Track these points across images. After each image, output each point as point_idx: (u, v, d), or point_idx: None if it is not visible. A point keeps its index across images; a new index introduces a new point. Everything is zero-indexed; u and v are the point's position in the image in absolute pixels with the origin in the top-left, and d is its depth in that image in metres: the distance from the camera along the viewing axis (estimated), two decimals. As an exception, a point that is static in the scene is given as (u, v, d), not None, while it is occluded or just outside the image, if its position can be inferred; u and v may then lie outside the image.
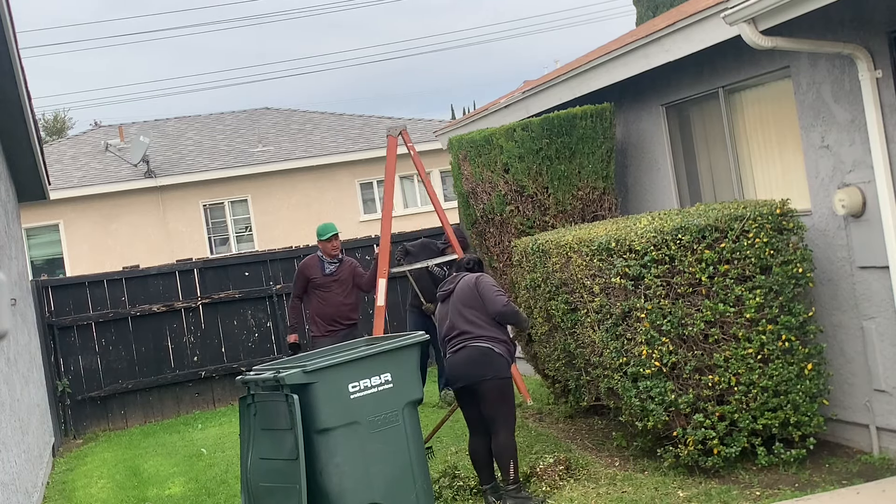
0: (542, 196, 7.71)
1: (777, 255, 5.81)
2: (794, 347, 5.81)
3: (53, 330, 11.16)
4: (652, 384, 5.80)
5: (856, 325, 5.99)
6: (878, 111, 5.50)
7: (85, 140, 23.88)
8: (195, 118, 25.26)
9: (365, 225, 20.50)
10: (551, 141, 7.64)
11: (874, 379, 5.88)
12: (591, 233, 6.32)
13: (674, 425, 5.87)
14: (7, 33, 6.61)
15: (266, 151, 22.06)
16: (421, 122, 23.77)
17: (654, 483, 5.93)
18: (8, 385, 6.84)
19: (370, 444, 5.28)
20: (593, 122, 7.74)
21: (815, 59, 5.97)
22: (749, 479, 5.78)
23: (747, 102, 6.95)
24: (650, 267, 5.78)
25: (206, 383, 11.68)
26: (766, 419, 5.78)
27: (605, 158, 7.80)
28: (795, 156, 6.44)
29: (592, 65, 7.72)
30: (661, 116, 7.82)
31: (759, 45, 5.54)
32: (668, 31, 6.66)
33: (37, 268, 19.05)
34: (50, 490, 8.68)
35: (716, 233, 5.78)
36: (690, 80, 7.26)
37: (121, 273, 11.76)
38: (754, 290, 5.74)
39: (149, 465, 9.05)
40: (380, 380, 5.41)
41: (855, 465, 5.80)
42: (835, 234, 6.05)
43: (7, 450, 6.20)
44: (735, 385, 5.74)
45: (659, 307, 5.75)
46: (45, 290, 11.24)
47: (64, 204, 19.44)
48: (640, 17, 20.78)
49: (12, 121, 8.40)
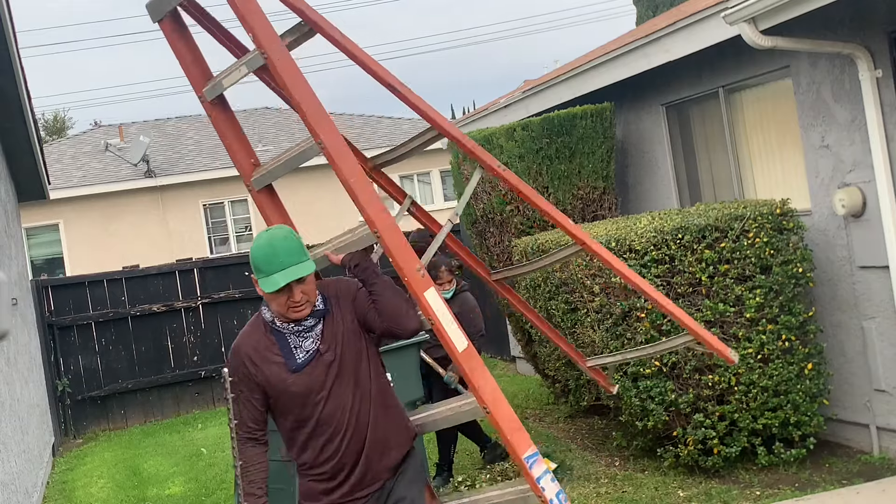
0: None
1: (777, 254, 5.80)
2: (794, 347, 5.81)
3: (53, 330, 11.15)
4: (652, 384, 5.80)
5: (856, 325, 5.99)
6: (878, 111, 5.50)
7: (85, 140, 23.87)
8: (195, 118, 25.24)
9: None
10: (551, 141, 7.64)
11: (874, 379, 5.88)
12: (591, 232, 6.32)
13: (674, 425, 5.87)
14: (7, 33, 6.61)
15: (266, 151, 22.06)
16: (421, 122, 23.78)
17: (654, 483, 5.93)
18: (8, 385, 6.84)
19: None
20: (593, 121, 7.74)
21: (815, 58, 5.97)
22: (749, 478, 5.77)
23: (747, 102, 6.94)
24: (650, 267, 5.78)
25: (206, 383, 11.67)
26: (767, 419, 5.77)
27: (605, 158, 7.80)
28: (795, 156, 6.44)
29: (592, 64, 7.72)
30: (661, 116, 7.81)
31: (759, 44, 5.54)
32: (669, 31, 6.66)
33: (37, 268, 19.04)
34: (50, 490, 8.68)
35: (716, 232, 5.78)
36: (690, 79, 7.26)
37: (121, 273, 11.75)
38: (754, 289, 5.74)
39: (149, 464, 9.05)
40: (380, 380, 5.40)
41: (855, 465, 5.80)
42: (835, 233, 6.05)
43: (7, 449, 6.20)
44: (735, 385, 5.73)
45: (659, 307, 5.75)
46: (45, 289, 11.24)
47: (64, 204, 19.42)
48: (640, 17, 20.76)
49: (12, 121, 8.40)
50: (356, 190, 3.07)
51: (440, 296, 3.07)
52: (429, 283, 2.98)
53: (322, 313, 3.21)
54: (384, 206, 3.14)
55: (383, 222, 3.08)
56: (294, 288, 3.10)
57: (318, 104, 3.14)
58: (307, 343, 3.18)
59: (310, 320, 3.19)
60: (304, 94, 3.12)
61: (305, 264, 3.09)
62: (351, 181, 3.06)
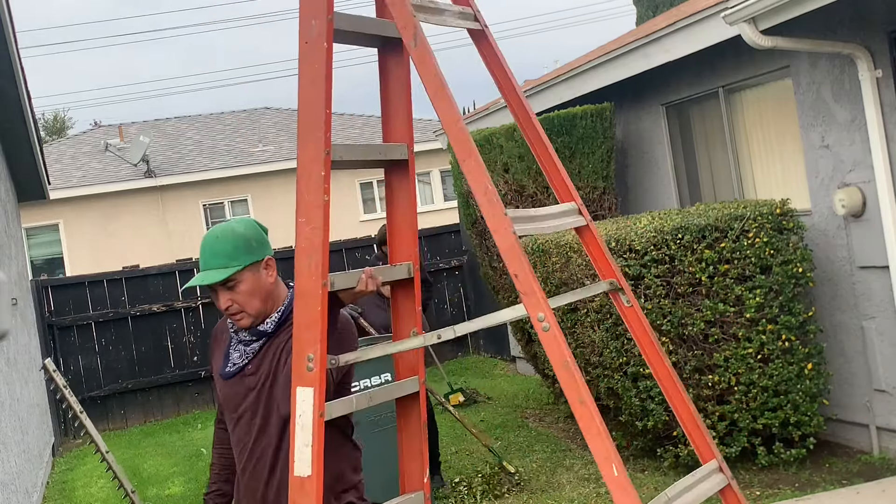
0: (542, 196, 7.71)
1: (777, 254, 5.80)
2: (794, 347, 5.81)
3: (53, 330, 11.15)
4: (652, 384, 5.80)
5: (856, 325, 5.99)
6: (878, 111, 5.50)
7: (85, 140, 23.87)
8: (195, 118, 25.25)
9: (365, 224, 20.50)
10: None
11: (874, 379, 5.88)
12: (591, 232, 6.32)
13: (674, 425, 5.87)
14: (7, 33, 6.61)
15: (266, 151, 22.06)
16: (421, 122, 23.76)
17: (654, 483, 5.93)
18: (8, 385, 6.84)
19: (369, 445, 5.26)
20: (593, 121, 7.74)
21: (815, 58, 5.97)
22: (749, 478, 5.78)
23: (747, 102, 6.95)
24: (650, 266, 5.78)
25: (205, 383, 11.67)
26: (766, 419, 5.77)
27: (605, 158, 7.80)
28: (795, 155, 6.44)
29: (592, 64, 7.73)
30: (661, 116, 7.82)
31: (759, 44, 5.54)
32: (668, 31, 6.66)
33: (37, 268, 19.04)
34: (50, 490, 8.68)
35: (716, 232, 5.78)
36: (690, 79, 7.26)
37: (120, 273, 11.75)
38: (754, 289, 5.74)
39: (149, 464, 9.04)
40: (380, 380, 5.42)
41: (855, 465, 5.80)
42: (835, 233, 6.05)
43: (7, 449, 6.20)
44: (735, 385, 5.73)
45: (659, 307, 5.75)
46: (45, 289, 11.24)
47: (64, 204, 19.42)
48: (640, 17, 20.76)
49: (12, 121, 8.40)
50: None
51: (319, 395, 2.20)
52: (314, 379, 2.18)
53: (264, 335, 2.81)
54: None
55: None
56: (219, 293, 2.76)
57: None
58: (238, 356, 2.86)
59: (249, 335, 2.83)
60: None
61: (221, 272, 2.71)
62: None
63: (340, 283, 2.32)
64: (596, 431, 1.94)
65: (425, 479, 2.49)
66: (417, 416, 2.50)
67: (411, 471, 2.50)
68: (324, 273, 2.19)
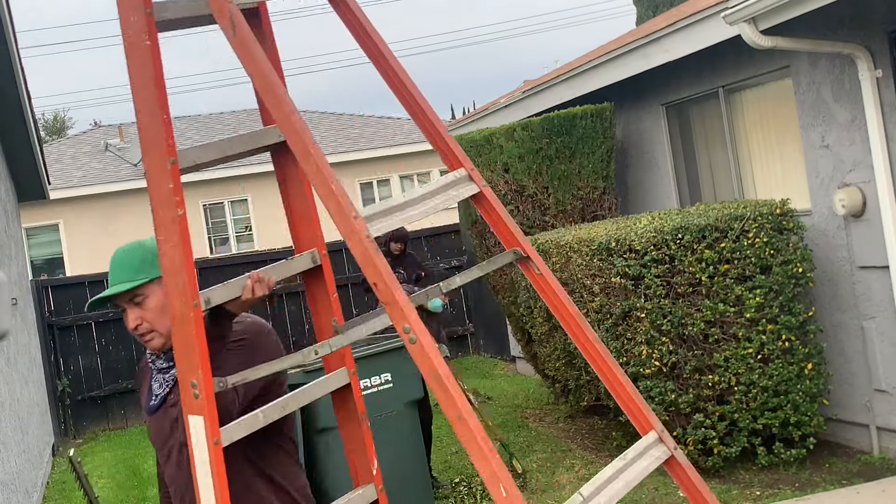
0: (542, 196, 7.71)
1: (777, 254, 5.80)
2: (794, 347, 5.80)
3: (53, 330, 11.15)
4: (652, 384, 5.80)
5: (856, 325, 5.99)
6: (878, 111, 5.50)
7: (85, 140, 23.87)
8: (195, 118, 25.24)
9: (365, 225, 20.49)
10: (551, 140, 7.64)
11: (874, 379, 5.88)
12: (591, 232, 6.32)
13: (674, 425, 5.87)
14: (7, 33, 6.61)
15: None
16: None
17: (653, 483, 5.93)
18: (8, 385, 6.84)
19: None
20: (593, 121, 7.74)
21: (815, 58, 5.97)
22: (749, 478, 5.78)
23: (747, 102, 6.95)
24: (650, 266, 5.78)
25: (206, 383, 11.66)
26: (766, 419, 5.77)
27: (605, 158, 7.80)
28: (795, 155, 6.44)
29: (592, 64, 7.73)
30: (661, 116, 7.82)
31: (759, 44, 5.54)
32: (668, 31, 6.66)
33: (37, 268, 19.03)
34: (50, 490, 8.68)
35: (716, 232, 5.78)
36: (690, 79, 7.26)
37: (121, 273, 11.74)
38: (754, 289, 5.74)
39: (149, 464, 9.04)
40: (380, 379, 5.42)
41: (855, 465, 5.80)
42: (835, 233, 6.05)
43: (7, 449, 6.20)
44: (735, 385, 5.73)
45: (659, 307, 5.75)
46: (45, 289, 11.24)
47: (64, 204, 19.42)
48: (640, 17, 20.77)
49: (12, 121, 8.40)
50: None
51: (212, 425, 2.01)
52: (201, 407, 1.98)
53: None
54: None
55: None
56: (128, 311, 2.55)
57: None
58: (158, 386, 2.64)
59: (162, 360, 2.60)
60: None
61: (126, 284, 2.53)
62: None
63: (218, 298, 2.10)
64: (477, 449, 1.69)
65: (374, 470, 2.34)
66: (355, 408, 2.36)
67: (359, 463, 2.36)
68: (193, 293, 1.96)
